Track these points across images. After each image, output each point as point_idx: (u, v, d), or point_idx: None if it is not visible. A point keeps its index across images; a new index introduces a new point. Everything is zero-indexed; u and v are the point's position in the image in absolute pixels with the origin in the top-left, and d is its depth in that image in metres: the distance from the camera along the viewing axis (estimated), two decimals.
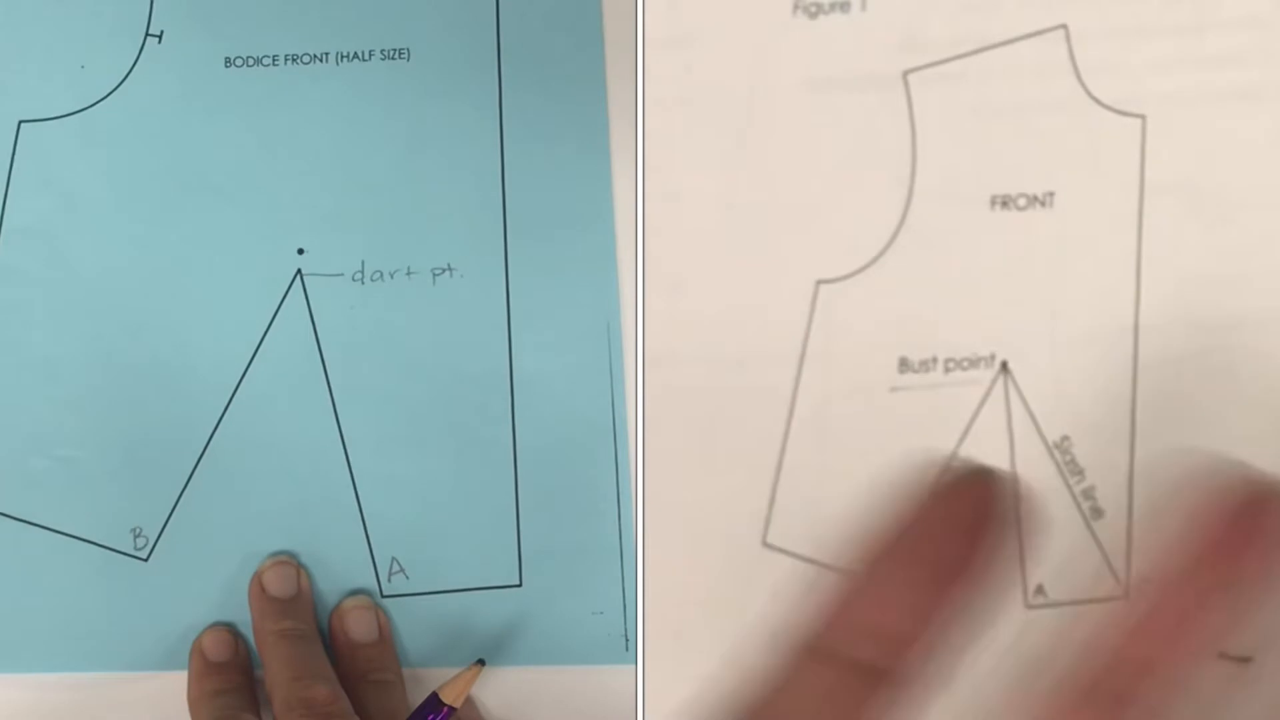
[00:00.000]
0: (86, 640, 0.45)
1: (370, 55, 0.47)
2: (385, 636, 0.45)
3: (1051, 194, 0.40)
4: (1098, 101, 0.40)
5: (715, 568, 0.41)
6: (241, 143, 0.47)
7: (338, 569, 0.45)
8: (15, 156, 0.46)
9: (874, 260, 0.41)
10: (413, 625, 0.45)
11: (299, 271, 0.46)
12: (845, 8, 0.41)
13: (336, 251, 0.46)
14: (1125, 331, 0.40)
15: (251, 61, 0.47)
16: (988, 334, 0.40)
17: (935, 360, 0.41)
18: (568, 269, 0.46)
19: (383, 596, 0.45)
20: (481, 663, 0.42)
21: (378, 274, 0.46)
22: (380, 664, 0.44)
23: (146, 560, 0.45)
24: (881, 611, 0.27)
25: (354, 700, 0.43)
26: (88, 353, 0.46)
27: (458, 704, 0.41)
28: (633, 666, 0.44)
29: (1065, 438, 0.40)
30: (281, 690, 0.42)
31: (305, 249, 0.46)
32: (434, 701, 0.41)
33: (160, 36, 0.47)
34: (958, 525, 0.27)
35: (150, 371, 0.46)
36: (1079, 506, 0.40)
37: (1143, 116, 0.40)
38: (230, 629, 0.45)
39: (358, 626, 0.45)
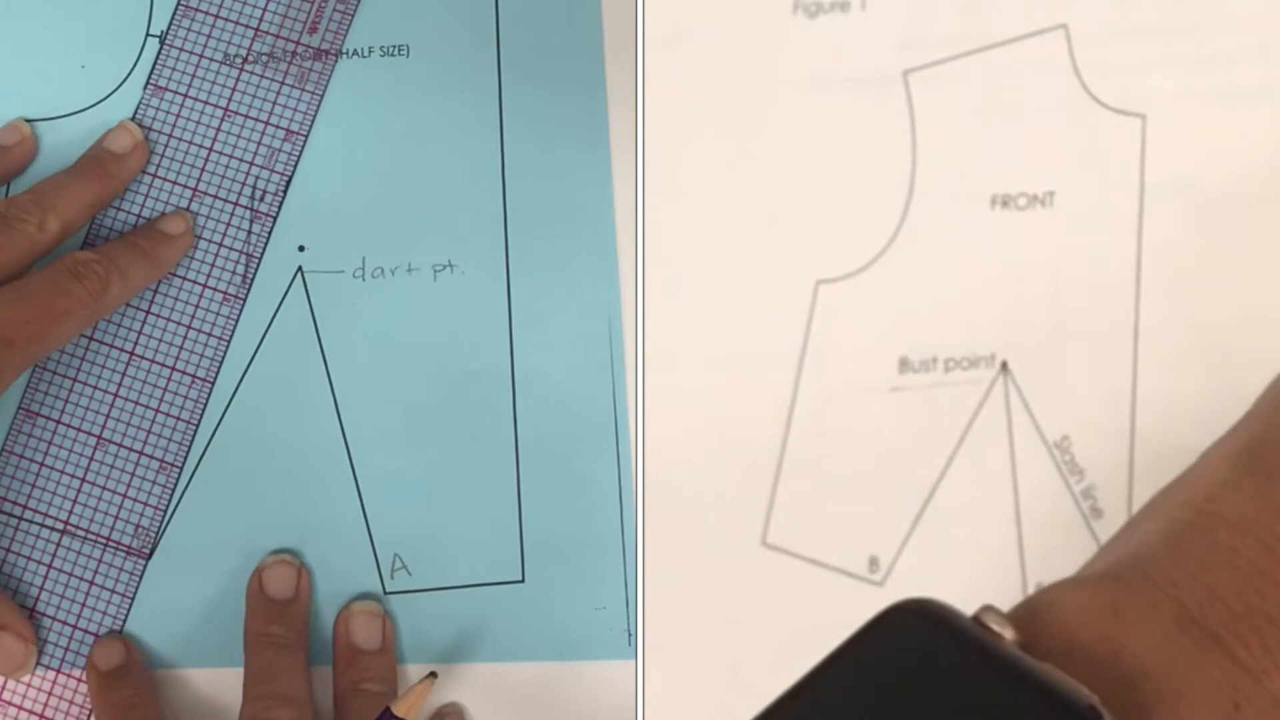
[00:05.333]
0: (87, 638, 0.45)
1: (370, 52, 0.47)
2: (388, 646, 0.45)
3: (1051, 194, 0.40)
4: (1098, 101, 0.40)
5: (715, 566, 0.41)
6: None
7: (340, 566, 0.45)
8: None
9: (874, 260, 0.41)
10: (415, 622, 0.45)
11: (300, 268, 0.46)
12: (845, 8, 0.41)
13: (337, 248, 0.46)
14: (1125, 331, 0.40)
15: (252, 59, 0.47)
16: (988, 334, 0.40)
17: (935, 360, 0.41)
18: (569, 266, 0.46)
19: (385, 593, 0.45)
20: (433, 675, 0.41)
21: (379, 271, 0.46)
22: (376, 674, 0.44)
23: (149, 558, 0.45)
24: None
25: (341, 707, 0.43)
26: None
27: (410, 717, 0.40)
28: (635, 662, 0.44)
29: (1065, 438, 0.40)
30: (250, 705, 0.42)
31: (306, 246, 0.46)
32: (388, 717, 0.40)
33: (161, 36, 0.47)
34: None
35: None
36: (1079, 506, 0.40)
37: (1143, 116, 0.40)
38: (123, 639, 0.45)
39: (362, 632, 0.44)
